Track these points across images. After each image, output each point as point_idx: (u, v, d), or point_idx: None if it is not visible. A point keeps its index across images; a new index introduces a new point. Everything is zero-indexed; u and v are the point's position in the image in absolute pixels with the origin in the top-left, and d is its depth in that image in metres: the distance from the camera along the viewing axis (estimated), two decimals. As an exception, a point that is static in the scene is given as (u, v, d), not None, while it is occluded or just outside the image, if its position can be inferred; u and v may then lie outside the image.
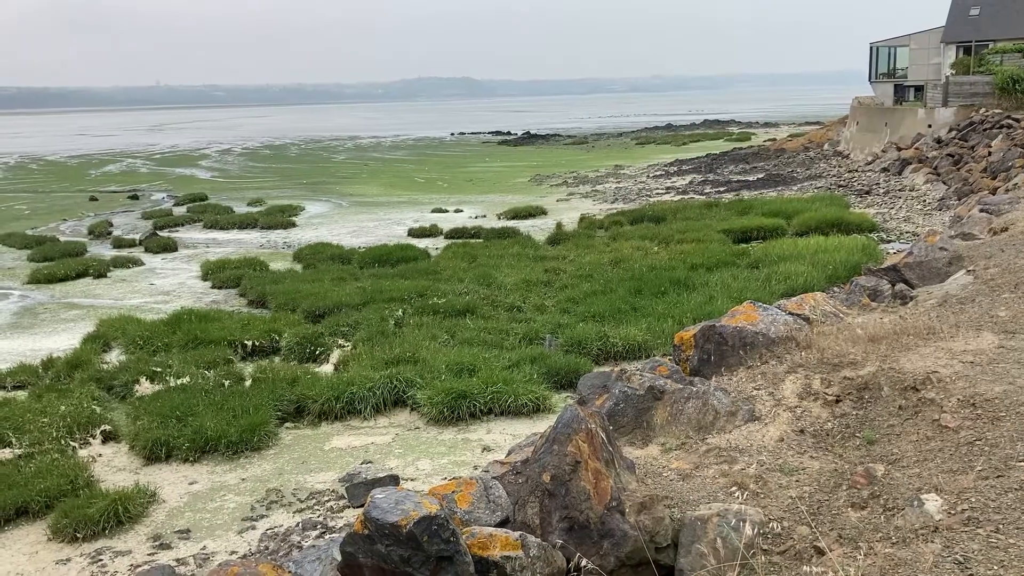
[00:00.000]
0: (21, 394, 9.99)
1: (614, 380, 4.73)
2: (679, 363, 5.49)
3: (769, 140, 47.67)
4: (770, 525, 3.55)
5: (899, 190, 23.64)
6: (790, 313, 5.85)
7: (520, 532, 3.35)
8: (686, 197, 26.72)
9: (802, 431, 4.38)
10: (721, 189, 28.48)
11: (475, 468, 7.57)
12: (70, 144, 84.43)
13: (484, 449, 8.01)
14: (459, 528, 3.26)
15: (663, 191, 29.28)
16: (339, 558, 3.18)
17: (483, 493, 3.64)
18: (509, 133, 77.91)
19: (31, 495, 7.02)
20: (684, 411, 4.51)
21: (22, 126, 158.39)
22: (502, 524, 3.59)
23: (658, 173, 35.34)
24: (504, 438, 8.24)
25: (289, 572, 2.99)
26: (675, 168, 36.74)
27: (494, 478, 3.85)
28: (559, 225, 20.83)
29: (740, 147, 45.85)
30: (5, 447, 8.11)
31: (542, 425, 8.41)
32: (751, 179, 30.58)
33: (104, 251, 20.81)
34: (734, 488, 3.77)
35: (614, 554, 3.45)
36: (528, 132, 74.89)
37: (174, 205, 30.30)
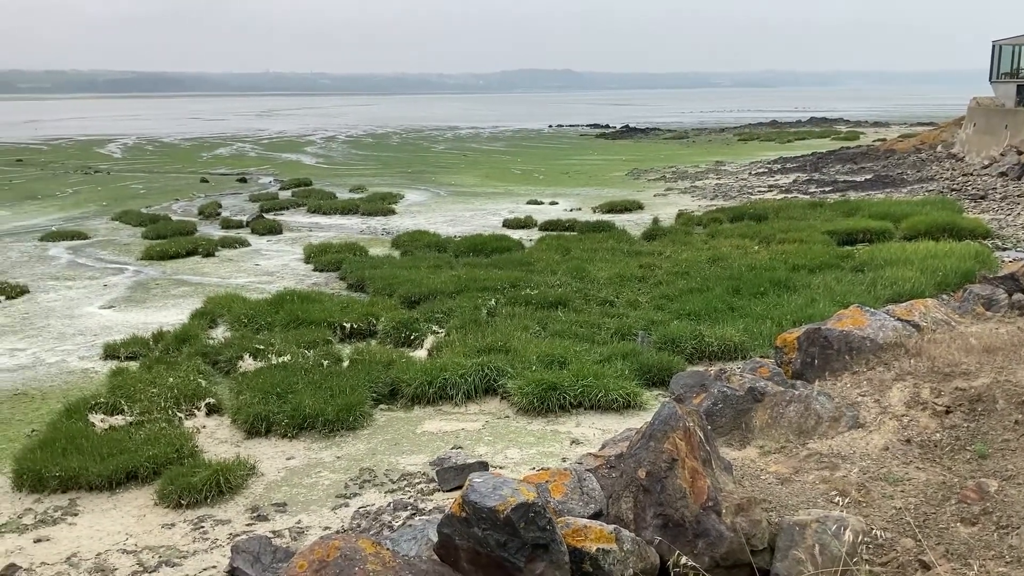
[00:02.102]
0: (133, 364, 10.47)
1: (713, 379, 4.66)
2: (781, 365, 5.35)
3: (879, 140, 45.96)
4: (872, 535, 3.44)
5: (1018, 196, 22.47)
6: (899, 319, 5.63)
7: (614, 526, 3.34)
8: (789, 196, 26.03)
9: (908, 441, 4.22)
10: (826, 189, 27.63)
11: (563, 460, 7.57)
12: (183, 127, 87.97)
13: (573, 442, 8.00)
14: (554, 517, 3.26)
15: (765, 189, 28.60)
16: (435, 539, 3.23)
17: (577, 485, 3.64)
18: (608, 126, 77.36)
19: (140, 461, 7.36)
20: (785, 414, 4.40)
21: (140, 109, 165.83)
22: (595, 517, 3.58)
23: (761, 170, 34.54)
24: (593, 432, 8.22)
25: (387, 549, 3.05)
26: (779, 166, 35.83)
27: (588, 471, 3.84)
28: (656, 220, 20.59)
29: (848, 146, 44.35)
30: (118, 414, 8.52)
31: (632, 421, 8.36)
32: (858, 180, 29.58)
33: (213, 231, 21.61)
34: (835, 495, 3.66)
35: (708, 554, 3.40)
36: (627, 125, 74.22)
37: (280, 189, 31.20)
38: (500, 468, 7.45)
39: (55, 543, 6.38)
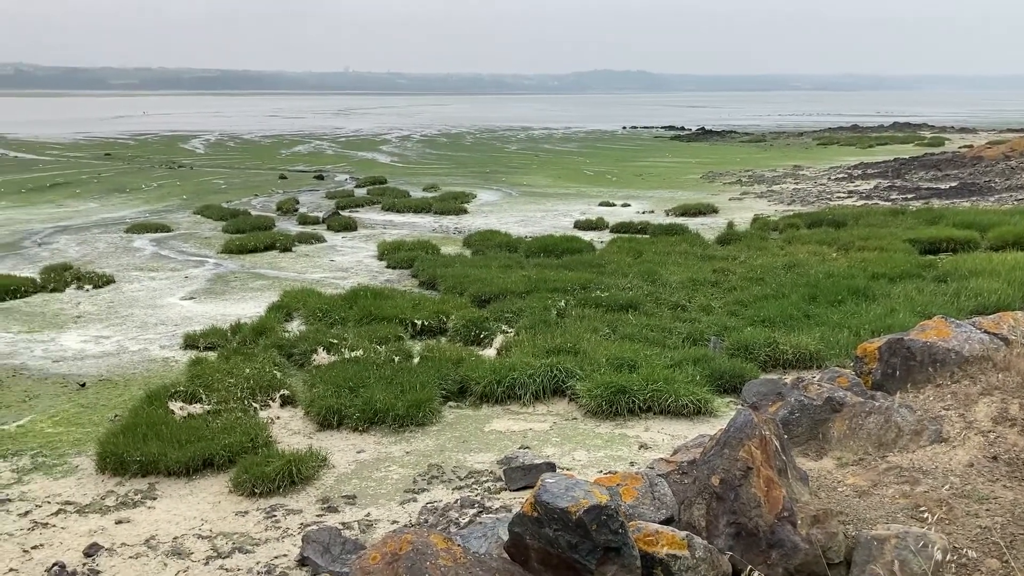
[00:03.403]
0: (212, 355, 10.77)
1: (790, 388, 4.56)
2: (860, 376, 5.20)
3: (965, 146, 44.41)
4: (955, 554, 3.32)
5: (1116, 206, 21.44)
6: (985, 331, 5.43)
7: (686, 532, 3.29)
8: (869, 203, 25.35)
9: (995, 458, 4.06)
10: (908, 196, 26.83)
11: (631, 464, 7.51)
12: (263, 124, 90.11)
13: (641, 446, 7.93)
14: (625, 521, 3.24)
15: (845, 195, 27.92)
16: (505, 537, 3.24)
17: (648, 489, 3.61)
18: (683, 128, 76.52)
19: (216, 449, 7.55)
20: (864, 426, 4.28)
21: (223, 106, 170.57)
22: (666, 522, 3.54)
23: (840, 176, 33.73)
24: (662, 437, 8.14)
25: (458, 545, 3.07)
26: (859, 171, 34.92)
27: (660, 476, 3.80)
28: (730, 224, 20.29)
29: (932, 152, 42.97)
30: (196, 403, 8.76)
31: (702, 427, 8.25)
32: (942, 187, 28.64)
33: (290, 227, 22.09)
34: (915, 510, 3.54)
35: (782, 565, 3.32)
36: (703, 128, 73.29)
37: (355, 187, 31.71)
38: (567, 470, 7.43)
39: (135, 525, 6.60)
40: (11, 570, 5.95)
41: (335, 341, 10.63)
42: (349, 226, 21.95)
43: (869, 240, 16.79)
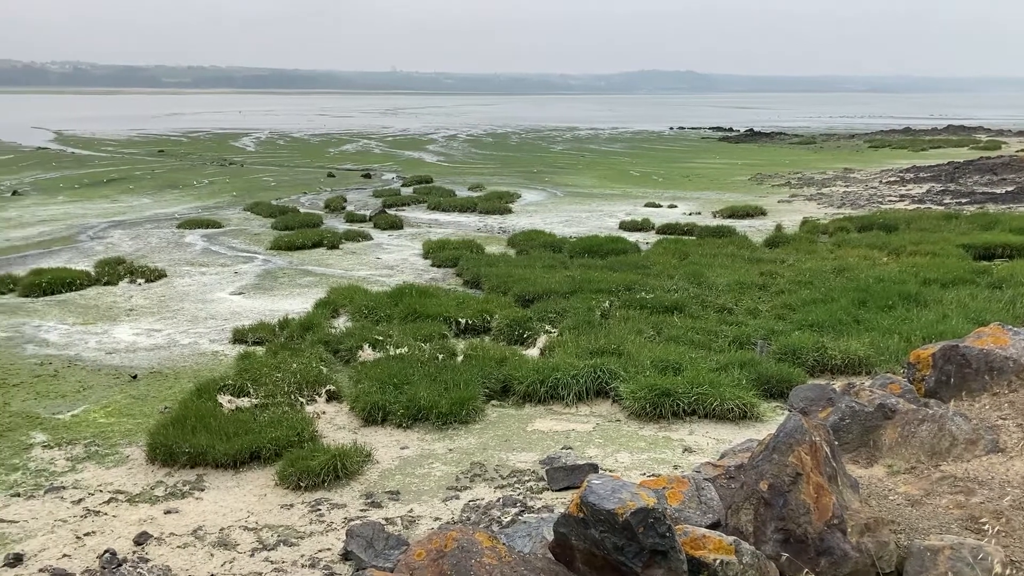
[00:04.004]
0: (259, 349, 10.92)
1: (840, 394, 4.48)
2: (913, 383, 5.10)
3: (1023, 150, 43.30)
4: (1013, 567, 3.23)
5: None
6: (1045, 340, 5.28)
7: (734, 537, 3.25)
8: (922, 207, 24.84)
9: (1054, 470, 3.94)
10: (963, 200, 26.23)
11: (675, 467, 7.46)
12: (312, 123, 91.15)
13: (685, 450, 7.87)
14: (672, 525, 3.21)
15: (896, 199, 27.39)
16: (550, 537, 3.23)
17: (695, 493, 3.57)
18: (731, 129, 75.74)
19: (263, 442, 7.66)
20: (916, 434, 4.19)
21: (273, 104, 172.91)
22: (712, 527, 3.50)
23: (892, 179, 33.10)
24: (707, 441, 8.06)
25: (503, 544, 3.07)
26: (911, 175, 34.24)
27: (706, 480, 3.76)
28: (779, 227, 20.02)
29: (988, 156, 41.96)
30: (244, 396, 8.90)
31: (747, 432, 8.15)
32: (999, 192, 27.95)
33: (337, 224, 22.31)
34: (971, 521, 3.46)
35: (832, 573, 3.26)
36: (751, 129, 72.47)
37: (402, 186, 31.92)
38: (610, 471, 7.40)
39: (183, 515, 6.72)
40: (65, 555, 6.10)
41: (380, 338, 10.71)
42: (395, 224, 22.11)
43: (921, 245, 16.47)
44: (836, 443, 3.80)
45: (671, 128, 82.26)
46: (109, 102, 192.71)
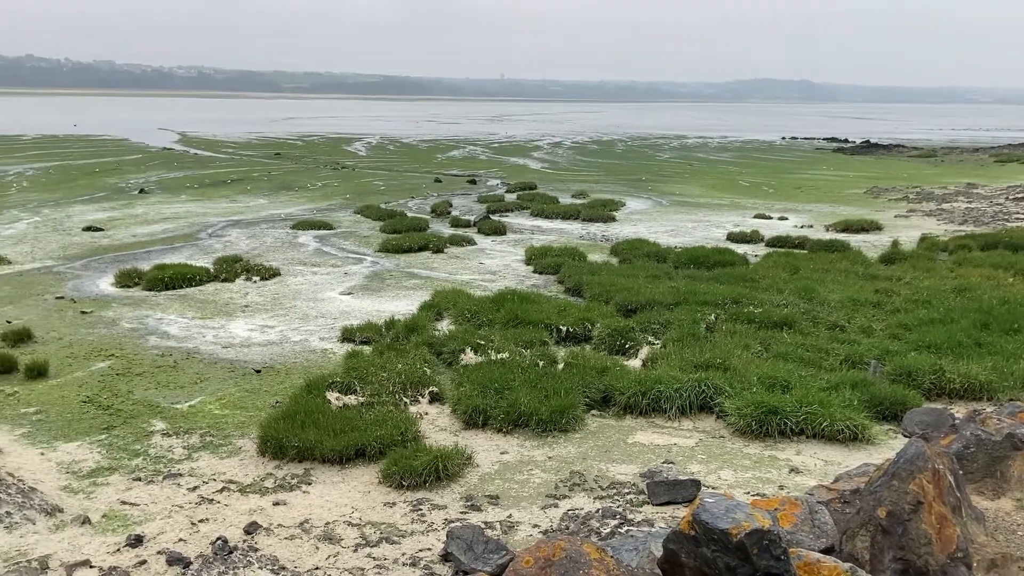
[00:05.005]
0: (366, 349, 11.19)
1: (965, 421, 4.27)
2: (1044, 412, 4.82)
3: None
4: None
5: None
6: None
7: (850, 564, 3.14)
8: (1053, 225, 23.45)
9: None
10: (1100, 219, 24.65)
11: (780, 488, 7.26)
12: (421, 129, 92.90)
13: (791, 470, 7.65)
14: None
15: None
16: (658, 553, 3.19)
17: (808, 516, 3.46)
18: (846, 140, 73.33)
19: (368, 440, 7.84)
20: (1048, 467, 3.96)
21: (384, 110, 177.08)
22: (826, 552, 3.39)
23: (1019, 195, 31.36)
24: (814, 462, 7.82)
25: (611, 556, 3.05)
26: (1041, 191, 32.39)
27: (820, 503, 3.64)
28: (895, 243, 19.27)
29: None
30: (351, 394, 9.13)
31: (858, 455, 7.88)
32: None
33: (443, 229, 22.66)
34: (1109, 566, 3.24)
35: (953, 610, 3.12)
36: (868, 141, 69.99)
37: (506, 192, 32.17)
38: (712, 489, 7.26)
39: (290, 508, 6.94)
40: (180, 540, 6.38)
41: (482, 342, 10.81)
42: (499, 230, 22.29)
43: (1052, 266, 15.55)
44: (960, 472, 3.62)
45: (783, 138, 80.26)
46: (230, 105, 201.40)
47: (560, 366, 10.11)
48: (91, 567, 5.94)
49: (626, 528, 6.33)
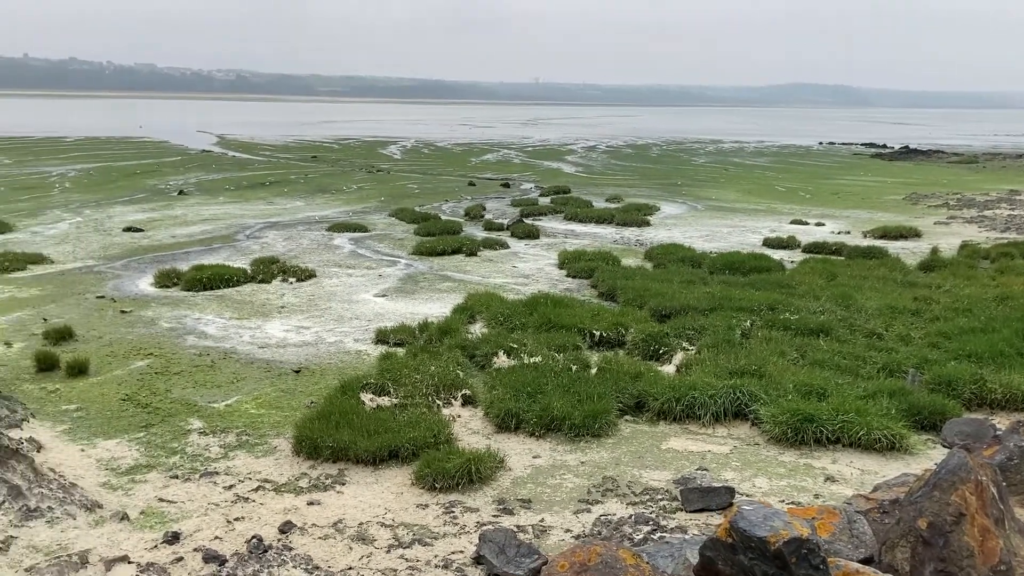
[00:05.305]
0: (400, 351, 11.24)
1: (1008, 432, 4.19)
2: (1090, 424, 4.72)
3: None
4: None
5: None
6: None
7: (888, 575, 3.10)
8: (1099, 233, 22.96)
9: None
10: None
11: (816, 496, 7.19)
12: (455, 132, 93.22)
13: (827, 479, 7.56)
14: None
15: (1069, 224, 25.43)
16: (693, 560, 3.17)
17: (846, 526, 3.42)
18: (884, 146, 72.39)
19: (402, 441, 7.87)
20: (1095, 480, 3.87)
21: (418, 114, 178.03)
22: (864, 562, 3.35)
23: (1064, 203, 30.77)
24: (851, 471, 7.72)
25: (646, 562, 3.04)
26: (1087, 198, 31.71)
27: (858, 512, 3.60)
28: (935, 250, 18.98)
29: None
30: (385, 396, 9.18)
31: (895, 464, 7.77)
32: None
33: (476, 232, 22.71)
34: None
35: (996, 624, 3.06)
36: (907, 146, 68.99)
37: (539, 195, 32.16)
38: (747, 496, 7.20)
39: (324, 507, 6.99)
40: (216, 537, 6.45)
41: (515, 346, 10.82)
42: (532, 234, 22.29)
43: (1098, 275, 15.22)
44: (1003, 484, 3.56)
45: (820, 143, 79.43)
46: (267, 108, 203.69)
47: (593, 371, 10.08)
48: (129, 563, 6.03)
49: (659, 534, 6.30)
